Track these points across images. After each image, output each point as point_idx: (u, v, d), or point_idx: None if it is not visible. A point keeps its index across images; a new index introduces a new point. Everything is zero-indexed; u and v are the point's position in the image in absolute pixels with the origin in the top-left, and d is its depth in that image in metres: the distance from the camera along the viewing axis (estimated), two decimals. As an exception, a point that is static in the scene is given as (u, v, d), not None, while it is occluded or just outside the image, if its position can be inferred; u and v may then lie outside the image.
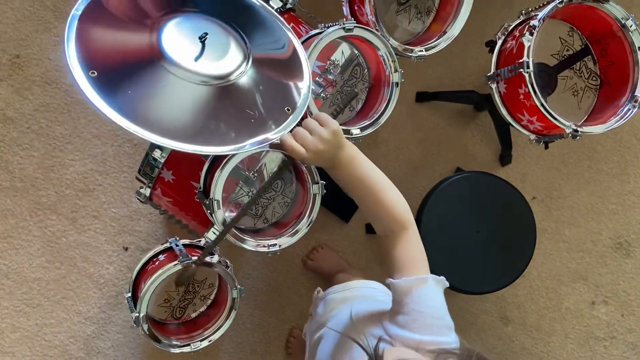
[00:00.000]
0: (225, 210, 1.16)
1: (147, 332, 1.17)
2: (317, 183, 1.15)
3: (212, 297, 1.32)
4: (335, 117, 0.89)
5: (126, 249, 1.81)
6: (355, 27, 1.16)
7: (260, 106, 0.95)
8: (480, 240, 1.57)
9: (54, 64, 1.77)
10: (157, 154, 1.26)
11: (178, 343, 1.21)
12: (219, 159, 1.15)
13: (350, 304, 1.09)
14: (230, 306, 1.21)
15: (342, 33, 1.16)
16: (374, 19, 1.24)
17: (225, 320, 1.21)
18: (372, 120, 1.20)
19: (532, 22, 1.38)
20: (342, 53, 1.25)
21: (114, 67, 0.85)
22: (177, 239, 1.24)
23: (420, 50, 1.29)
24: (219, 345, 1.84)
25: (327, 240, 1.91)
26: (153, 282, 1.15)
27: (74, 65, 0.81)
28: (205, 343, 1.21)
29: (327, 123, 0.85)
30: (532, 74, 1.35)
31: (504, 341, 2.01)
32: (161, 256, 1.24)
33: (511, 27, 1.50)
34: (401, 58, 1.27)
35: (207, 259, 1.18)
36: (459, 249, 1.56)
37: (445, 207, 1.57)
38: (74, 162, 1.78)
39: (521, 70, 1.36)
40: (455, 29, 1.31)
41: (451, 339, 0.81)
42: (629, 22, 1.41)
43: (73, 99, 1.78)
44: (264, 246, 1.13)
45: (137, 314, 1.16)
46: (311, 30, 1.28)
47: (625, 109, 1.44)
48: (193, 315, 1.32)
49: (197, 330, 1.25)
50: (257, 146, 0.86)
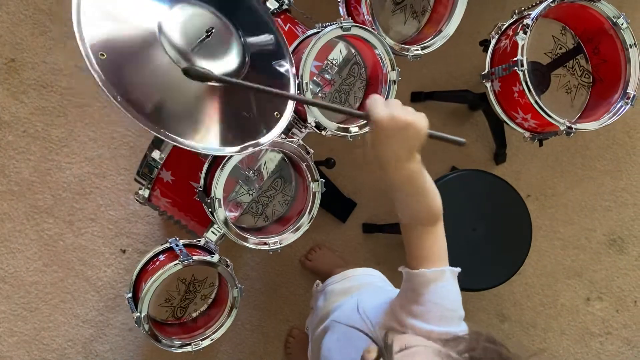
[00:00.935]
0: (225, 209, 1.17)
1: (148, 332, 1.18)
2: (317, 181, 1.16)
3: (212, 296, 1.33)
4: None
5: (124, 252, 1.81)
6: (352, 26, 1.17)
7: (254, 108, 0.96)
8: (476, 237, 1.58)
9: (50, 67, 1.77)
10: (156, 154, 1.26)
11: (179, 343, 1.21)
12: (218, 158, 1.16)
13: (355, 295, 1.09)
14: (231, 305, 1.22)
15: (339, 32, 1.17)
16: (370, 18, 1.26)
17: (227, 318, 1.22)
18: (370, 118, 1.21)
19: (526, 21, 1.40)
20: (340, 52, 1.26)
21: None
22: (177, 238, 1.24)
23: (417, 49, 1.30)
24: (218, 347, 1.84)
25: (324, 241, 1.91)
26: (154, 281, 1.15)
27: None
28: (207, 342, 1.21)
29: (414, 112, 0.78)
30: (526, 72, 1.37)
31: (500, 338, 2.01)
32: (161, 256, 1.25)
33: (504, 27, 1.52)
34: (396, 58, 1.28)
35: (207, 258, 1.18)
36: (456, 247, 1.55)
37: (443, 206, 1.58)
38: (70, 165, 1.78)
39: (515, 68, 1.38)
40: (450, 27, 1.32)
41: (461, 329, 0.82)
42: (620, 21, 1.43)
43: (69, 102, 1.78)
44: (265, 244, 1.14)
45: (138, 314, 1.16)
46: (307, 30, 1.30)
47: (618, 105, 1.46)
48: (194, 314, 1.32)
49: (198, 330, 1.25)
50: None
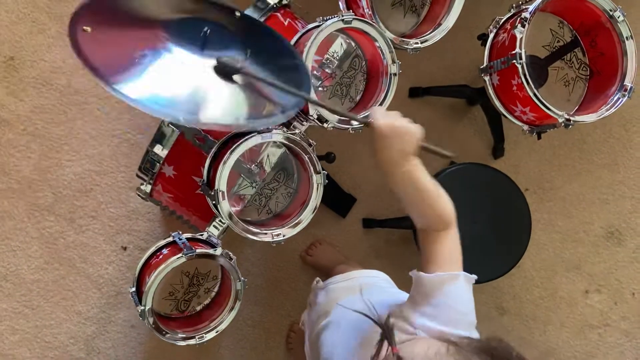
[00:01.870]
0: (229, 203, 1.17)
1: (153, 325, 1.18)
2: (319, 173, 1.17)
3: (215, 289, 1.34)
4: None
5: (125, 249, 1.81)
6: (353, 19, 1.18)
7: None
8: (476, 231, 1.59)
9: (49, 65, 1.78)
10: (158, 149, 1.27)
11: (183, 335, 1.22)
12: (221, 152, 1.17)
13: (360, 293, 1.09)
14: (234, 297, 1.23)
15: (340, 25, 1.18)
16: (370, 11, 1.27)
17: (230, 311, 1.23)
18: (371, 111, 1.22)
19: (524, 14, 1.41)
20: (341, 45, 1.27)
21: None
22: (180, 232, 1.25)
23: (416, 43, 1.31)
24: (219, 342, 1.84)
25: (324, 236, 1.92)
26: (158, 274, 1.16)
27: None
28: (211, 334, 1.22)
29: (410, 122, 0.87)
30: (524, 65, 1.38)
31: (500, 331, 2.03)
32: (165, 250, 1.26)
33: (502, 21, 1.54)
34: (396, 53, 1.29)
35: (210, 251, 1.19)
36: (456, 240, 1.59)
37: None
38: (70, 162, 1.78)
39: (514, 61, 1.39)
40: (449, 20, 1.34)
41: (472, 335, 0.83)
42: (617, 13, 1.45)
43: (69, 99, 1.78)
44: (268, 236, 1.15)
45: (142, 308, 1.17)
46: (307, 25, 1.30)
47: (615, 97, 1.48)
48: (198, 308, 1.33)
49: (202, 323, 1.26)
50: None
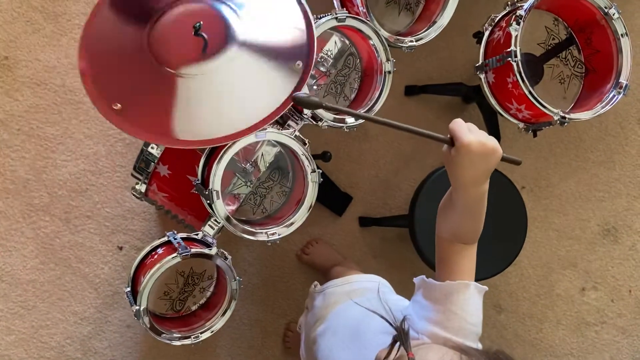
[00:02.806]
0: (223, 202, 1.17)
1: (148, 325, 1.18)
2: (314, 171, 1.17)
3: (211, 289, 1.33)
4: None
5: (121, 249, 1.81)
6: (347, 17, 1.18)
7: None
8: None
9: (44, 65, 1.77)
10: (152, 148, 1.27)
11: (179, 335, 1.21)
12: (215, 151, 1.16)
13: (377, 294, 1.08)
14: (230, 296, 1.22)
15: (334, 23, 1.18)
16: (364, 10, 1.26)
17: (226, 310, 1.22)
18: (366, 108, 1.23)
19: (519, 12, 1.41)
20: (335, 44, 1.27)
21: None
22: (175, 232, 1.25)
23: (411, 41, 1.31)
24: (216, 342, 1.84)
25: (321, 235, 1.92)
26: (153, 274, 1.15)
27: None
28: (206, 334, 1.22)
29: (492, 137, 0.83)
30: (520, 62, 1.38)
31: (497, 329, 2.04)
32: (160, 250, 1.25)
33: (498, 18, 1.53)
34: (391, 51, 1.29)
35: (205, 250, 1.18)
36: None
37: (438, 198, 1.57)
38: (66, 162, 1.78)
39: (509, 59, 1.39)
40: (444, 18, 1.33)
41: (477, 346, 0.83)
42: (612, 11, 1.45)
43: (63, 99, 1.78)
44: (263, 235, 1.15)
45: (137, 307, 1.17)
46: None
47: (611, 95, 1.48)
48: (193, 308, 1.33)
49: (198, 323, 1.26)
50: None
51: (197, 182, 1.17)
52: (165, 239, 1.25)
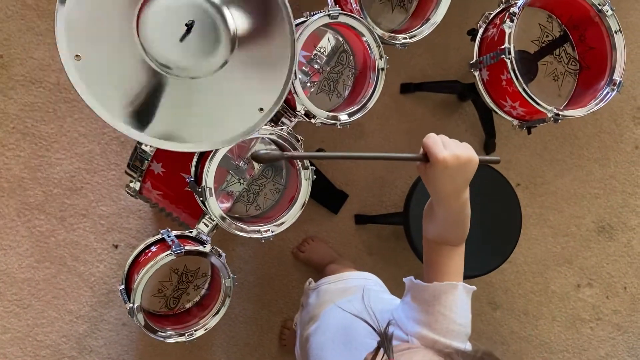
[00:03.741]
0: (216, 199, 1.17)
1: (142, 323, 1.18)
2: (308, 168, 1.17)
3: (205, 286, 1.33)
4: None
5: (116, 247, 1.80)
6: (340, 14, 1.18)
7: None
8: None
9: (38, 63, 1.77)
10: (146, 146, 1.26)
11: (173, 333, 1.21)
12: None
13: (361, 296, 1.08)
14: (224, 294, 1.22)
15: (327, 20, 1.18)
16: (358, 7, 1.26)
17: (220, 307, 1.22)
18: (360, 105, 1.23)
19: (512, 9, 1.41)
20: (328, 41, 1.27)
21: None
22: (169, 230, 1.25)
23: (405, 38, 1.31)
24: (212, 339, 1.84)
25: (316, 232, 1.92)
26: (146, 272, 1.15)
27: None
28: (200, 332, 1.21)
29: (466, 146, 0.82)
30: (513, 60, 1.38)
31: (493, 326, 2.04)
32: (153, 247, 1.25)
33: (492, 16, 1.53)
34: (386, 49, 1.29)
35: (199, 248, 1.18)
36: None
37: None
38: (60, 161, 1.78)
39: (503, 56, 1.39)
40: (437, 15, 1.33)
41: (465, 346, 0.83)
42: (606, 8, 1.45)
43: (58, 97, 1.77)
44: (257, 232, 1.15)
45: (131, 305, 1.16)
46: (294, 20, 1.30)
47: (604, 92, 1.48)
48: (187, 305, 1.33)
49: (192, 320, 1.25)
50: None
51: (190, 179, 1.17)
52: (159, 236, 1.25)
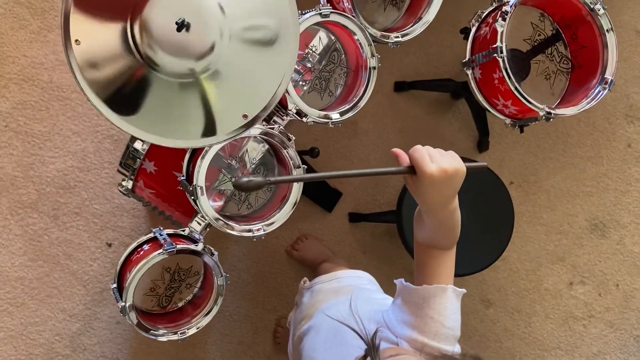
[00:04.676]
0: (209, 198, 1.17)
1: (135, 321, 1.18)
2: (299, 167, 1.17)
3: (198, 285, 1.34)
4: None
5: (110, 245, 1.80)
6: (331, 12, 1.18)
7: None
8: (460, 223, 1.60)
9: (31, 61, 1.76)
10: (138, 145, 1.26)
11: (166, 331, 1.22)
12: (200, 147, 1.16)
13: (349, 300, 1.09)
14: (217, 293, 1.22)
15: (318, 19, 1.18)
16: (350, 6, 1.26)
17: (213, 306, 1.22)
18: (352, 104, 1.23)
19: (505, 7, 1.42)
20: (320, 39, 1.27)
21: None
22: (161, 228, 1.25)
23: (397, 37, 1.31)
24: (206, 337, 1.85)
25: (310, 230, 1.92)
26: (138, 270, 1.15)
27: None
28: (192, 330, 1.22)
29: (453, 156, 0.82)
30: (505, 58, 1.39)
31: (485, 324, 2.05)
32: (145, 246, 1.25)
33: (484, 14, 1.54)
34: (379, 48, 1.29)
35: (191, 246, 1.18)
36: (440, 233, 1.59)
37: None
38: (54, 159, 1.77)
39: (495, 55, 1.40)
40: (430, 14, 1.33)
41: (454, 349, 0.83)
42: (598, 7, 1.45)
43: (51, 95, 1.77)
44: (248, 231, 1.15)
45: (123, 304, 1.17)
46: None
47: (596, 90, 1.48)
48: (180, 304, 1.33)
49: (184, 319, 1.26)
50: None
51: (182, 178, 1.17)
52: (152, 235, 1.25)
